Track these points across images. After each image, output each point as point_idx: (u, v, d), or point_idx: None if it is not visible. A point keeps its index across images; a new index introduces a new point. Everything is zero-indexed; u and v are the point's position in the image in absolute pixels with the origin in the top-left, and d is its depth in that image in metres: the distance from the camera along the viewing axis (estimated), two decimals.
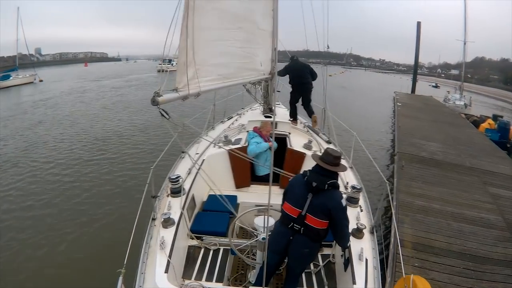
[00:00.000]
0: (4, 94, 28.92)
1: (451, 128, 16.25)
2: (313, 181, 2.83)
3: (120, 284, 2.58)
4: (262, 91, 7.06)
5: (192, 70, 3.07)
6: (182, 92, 3.00)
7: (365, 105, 26.21)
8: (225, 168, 5.19)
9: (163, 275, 2.82)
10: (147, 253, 3.13)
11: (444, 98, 30.56)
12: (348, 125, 6.14)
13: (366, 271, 2.99)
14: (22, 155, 10.92)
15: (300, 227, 2.89)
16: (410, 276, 3.18)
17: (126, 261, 2.76)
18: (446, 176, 8.99)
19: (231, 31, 3.78)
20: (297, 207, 2.89)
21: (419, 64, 48.71)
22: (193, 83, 3.13)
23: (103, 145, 12.06)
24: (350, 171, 5.12)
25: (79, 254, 5.74)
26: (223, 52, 3.74)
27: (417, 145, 12.12)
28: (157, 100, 2.71)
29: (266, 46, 4.48)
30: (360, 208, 3.97)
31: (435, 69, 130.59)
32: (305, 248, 2.95)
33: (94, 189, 8.35)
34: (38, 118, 16.79)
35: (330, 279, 3.51)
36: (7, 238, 6.19)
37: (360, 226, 3.44)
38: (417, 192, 7.63)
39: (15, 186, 8.43)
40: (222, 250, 3.80)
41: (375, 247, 3.37)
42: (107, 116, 17.04)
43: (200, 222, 4.16)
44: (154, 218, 3.61)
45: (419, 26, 37.54)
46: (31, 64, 45.64)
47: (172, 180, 3.98)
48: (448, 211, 6.80)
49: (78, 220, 6.84)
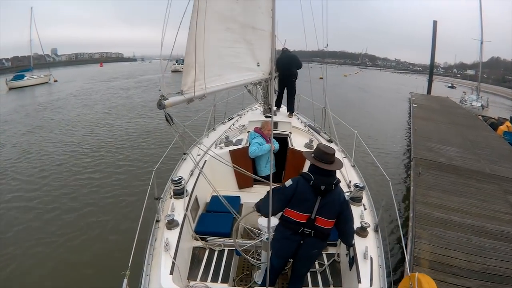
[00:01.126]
0: (16, 95, 29.68)
1: (468, 131, 15.50)
2: (321, 185, 2.75)
3: (125, 286, 2.56)
4: (262, 91, 7.08)
5: (197, 72, 3.04)
6: (188, 94, 2.97)
7: (381, 107, 25.74)
8: (227, 169, 5.07)
9: (168, 277, 2.82)
10: (152, 254, 3.13)
11: (460, 99, 29.89)
12: (364, 130, 5.94)
13: (371, 270, 2.97)
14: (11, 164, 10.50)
15: (310, 230, 2.86)
16: (415, 274, 3.14)
17: (131, 263, 2.78)
18: (465, 184, 8.44)
19: (231, 32, 3.77)
20: (306, 212, 2.82)
21: (435, 64, 47.60)
22: (198, 85, 3.09)
23: (99, 148, 12.04)
24: (353, 169, 5.12)
25: (83, 256, 5.76)
26: (225, 54, 3.74)
27: (434, 150, 11.51)
28: (164, 104, 2.65)
29: (266, 46, 4.45)
30: (363, 207, 3.95)
31: (451, 69, 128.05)
32: (315, 249, 2.98)
33: (96, 192, 8.32)
34: (37, 123, 16.38)
35: (335, 278, 3.51)
36: (11, 240, 6.26)
37: (364, 224, 3.43)
38: (436, 203, 7.09)
39: (14, 195, 8.31)
40: (226, 250, 3.81)
41: (379, 245, 3.36)
42: (106, 123, 16.16)
43: (204, 223, 4.17)
44: (158, 220, 3.61)
45: (435, 25, 36.66)
46: (46, 65, 46.75)
47: (174, 181, 3.98)
48: (468, 224, 6.30)
49: (82, 223, 6.85)
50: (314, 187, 2.75)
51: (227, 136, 5.77)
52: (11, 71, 46.88)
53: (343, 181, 4.50)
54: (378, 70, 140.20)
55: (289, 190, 2.85)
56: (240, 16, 3.81)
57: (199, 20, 2.92)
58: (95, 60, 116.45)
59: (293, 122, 6.68)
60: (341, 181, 4.22)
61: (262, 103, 7.13)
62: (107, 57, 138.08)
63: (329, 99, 7.22)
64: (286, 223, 2.92)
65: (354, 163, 5.32)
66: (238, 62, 4.04)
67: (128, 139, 13.18)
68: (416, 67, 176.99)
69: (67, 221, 6.92)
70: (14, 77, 35.89)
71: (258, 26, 4.21)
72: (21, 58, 65.83)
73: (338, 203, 2.82)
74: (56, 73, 43.42)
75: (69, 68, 75.61)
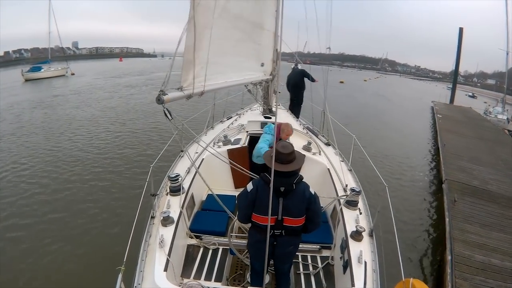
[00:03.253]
0: (30, 87, 29.99)
1: (498, 148, 14.08)
2: (280, 186, 2.69)
3: (119, 281, 2.57)
4: (262, 91, 7.11)
5: (196, 69, 3.06)
6: (187, 91, 3.03)
7: (403, 117, 24.07)
8: (224, 168, 5.17)
9: (162, 274, 2.81)
10: (146, 251, 3.13)
11: (484, 110, 28.29)
12: (387, 145, 5.62)
13: (365, 274, 2.95)
14: None
15: (281, 230, 2.84)
16: (410, 279, 3.02)
17: (126, 259, 2.78)
18: (503, 215, 7.35)
19: (234, 31, 3.76)
20: (271, 215, 2.68)
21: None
22: (197, 82, 3.12)
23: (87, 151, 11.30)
24: (349, 173, 5.07)
25: (78, 251, 5.79)
26: (226, 52, 3.74)
27: (466, 170, 10.21)
28: (163, 99, 2.70)
29: (269, 47, 4.52)
30: (359, 211, 3.91)
31: (471, 78, 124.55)
32: (290, 246, 2.98)
33: (92, 188, 8.29)
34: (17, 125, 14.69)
35: (329, 281, 3.53)
36: (6, 235, 6.26)
37: (359, 229, 3.40)
38: (475, 241, 6.05)
39: None
40: (221, 249, 3.85)
41: (374, 250, 3.33)
42: (92, 130, 13.83)
43: (199, 221, 4.22)
44: (153, 216, 3.62)
45: (461, 33, 35.02)
46: (65, 57, 47.26)
47: (171, 178, 4.00)
48: (508, 269, 5.36)
49: (77, 218, 6.87)
50: (274, 189, 2.59)
51: (225, 135, 5.77)
52: (27, 62, 48.36)
53: (340, 184, 4.52)
54: (398, 76, 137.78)
55: (251, 194, 2.79)
56: (250, 15, 3.83)
57: (204, 16, 2.94)
58: (115, 55, 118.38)
59: (292, 124, 6.47)
60: (338, 184, 4.46)
61: (261, 103, 7.19)
62: (127, 52, 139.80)
63: (350, 106, 7.42)
64: (256, 227, 2.89)
65: (351, 167, 5.28)
66: (241, 61, 4.02)
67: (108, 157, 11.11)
68: (436, 74, 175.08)
69: (60, 216, 6.92)
70: (31, 68, 36.66)
71: (266, 27, 4.24)
72: (42, 50, 66.72)
73: (303, 200, 2.76)
74: (76, 66, 44.10)
75: (89, 62, 76.86)
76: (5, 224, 6.58)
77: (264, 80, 4.87)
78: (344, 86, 42.18)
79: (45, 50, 43.66)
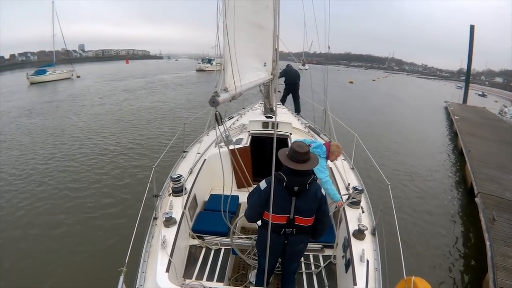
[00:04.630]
0: (34, 90, 29.82)
1: None
2: (294, 186, 2.70)
3: (121, 283, 2.55)
4: (263, 91, 7.11)
5: (233, 70, 3.09)
6: (232, 91, 3.07)
7: (418, 119, 22.87)
8: (226, 168, 4.90)
9: (164, 274, 2.83)
10: (149, 252, 3.15)
11: (499, 110, 27.34)
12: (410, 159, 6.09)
13: (367, 273, 2.94)
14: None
15: (292, 229, 2.87)
16: (411, 277, 2.97)
17: (128, 260, 2.77)
18: None
19: (242, 32, 3.71)
20: (284, 214, 2.78)
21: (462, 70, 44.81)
22: (233, 83, 3.18)
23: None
24: (352, 172, 5.10)
25: (80, 252, 5.79)
26: (248, 53, 3.87)
27: (496, 180, 9.00)
28: (217, 100, 2.73)
29: (269, 46, 4.59)
30: (361, 209, 3.90)
31: (479, 76, 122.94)
32: (300, 244, 3.03)
33: (94, 189, 8.29)
34: None
35: (331, 280, 3.53)
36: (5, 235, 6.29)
37: (361, 227, 3.40)
38: None
39: None
40: (223, 250, 3.86)
41: (376, 248, 3.32)
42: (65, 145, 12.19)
43: (202, 222, 4.24)
44: (155, 217, 3.65)
45: (473, 30, 34.01)
46: (70, 60, 47.94)
47: (173, 179, 4.02)
48: None
49: (79, 218, 6.89)
50: (288, 188, 2.70)
51: (227, 135, 5.48)
52: (33, 66, 48.72)
53: (342, 183, 4.56)
54: (405, 75, 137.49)
55: (264, 193, 2.78)
56: (251, 15, 3.88)
57: (230, 19, 3.02)
58: (121, 57, 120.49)
59: (293, 123, 6.76)
60: (340, 183, 4.48)
61: (263, 103, 7.28)
62: (133, 54, 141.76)
63: (366, 111, 7.40)
64: (267, 226, 2.84)
65: (354, 166, 5.31)
66: (249, 61, 4.07)
67: None
68: (443, 72, 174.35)
69: (63, 217, 6.92)
70: (36, 71, 37.07)
71: (266, 27, 4.31)
72: (48, 53, 67.00)
73: (315, 200, 2.78)
74: (82, 69, 44.40)
75: (96, 64, 78.23)
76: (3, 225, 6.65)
77: (268, 80, 4.93)
78: (353, 87, 41.77)
79: (51, 53, 43.39)
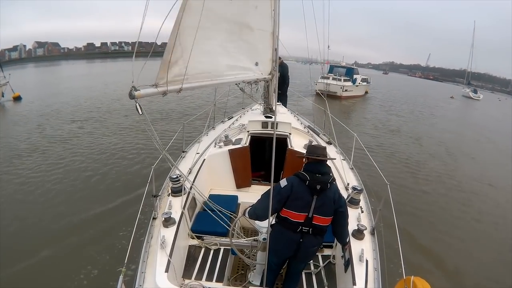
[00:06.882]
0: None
1: None
2: (317, 184, 2.82)
3: (120, 283, 2.62)
4: (262, 91, 7.15)
5: (178, 67, 3.13)
6: (161, 88, 3.02)
7: None
8: (225, 168, 5.20)
9: (164, 275, 2.84)
10: (148, 252, 3.18)
11: None
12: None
13: (367, 272, 3.01)
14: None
15: (308, 228, 2.92)
16: (411, 277, 3.08)
17: (127, 260, 2.81)
18: None
19: (220, 32, 3.82)
20: (303, 212, 2.87)
21: None
22: (177, 79, 3.17)
23: None
24: (351, 172, 5.16)
25: (80, 252, 5.63)
26: (212, 51, 3.77)
27: None
28: (134, 95, 2.68)
29: (265, 46, 4.50)
30: (360, 209, 3.99)
31: None
32: (314, 246, 3.04)
33: (93, 188, 8.10)
34: None
35: (330, 280, 3.56)
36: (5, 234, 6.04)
37: (361, 227, 3.47)
38: None
39: None
40: (222, 250, 3.84)
41: (375, 248, 3.41)
42: None
43: (201, 222, 4.20)
44: (154, 217, 3.67)
45: None
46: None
47: (172, 179, 4.02)
48: None
49: (78, 218, 6.63)
50: (310, 187, 2.81)
51: (226, 135, 5.78)
52: None
53: (341, 183, 4.57)
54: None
55: (285, 190, 2.87)
56: (236, 16, 3.89)
57: (190, 17, 3.03)
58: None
59: (293, 123, 6.71)
60: (339, 183, 4.37)
61: (261, 103, 7.18)
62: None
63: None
64: (285, 223, 2.95)
65: (353, 166, 5.34)
66: (230, 60, 4.05)
67: None
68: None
69: (62, 216, 6.69)
70: None
71: (258, 26, 4.25)
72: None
73: (334, 201, 2.88)
74: None
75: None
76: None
77: (262, 80, 4.87)
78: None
79: None
